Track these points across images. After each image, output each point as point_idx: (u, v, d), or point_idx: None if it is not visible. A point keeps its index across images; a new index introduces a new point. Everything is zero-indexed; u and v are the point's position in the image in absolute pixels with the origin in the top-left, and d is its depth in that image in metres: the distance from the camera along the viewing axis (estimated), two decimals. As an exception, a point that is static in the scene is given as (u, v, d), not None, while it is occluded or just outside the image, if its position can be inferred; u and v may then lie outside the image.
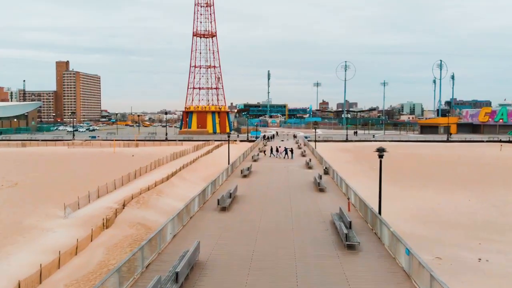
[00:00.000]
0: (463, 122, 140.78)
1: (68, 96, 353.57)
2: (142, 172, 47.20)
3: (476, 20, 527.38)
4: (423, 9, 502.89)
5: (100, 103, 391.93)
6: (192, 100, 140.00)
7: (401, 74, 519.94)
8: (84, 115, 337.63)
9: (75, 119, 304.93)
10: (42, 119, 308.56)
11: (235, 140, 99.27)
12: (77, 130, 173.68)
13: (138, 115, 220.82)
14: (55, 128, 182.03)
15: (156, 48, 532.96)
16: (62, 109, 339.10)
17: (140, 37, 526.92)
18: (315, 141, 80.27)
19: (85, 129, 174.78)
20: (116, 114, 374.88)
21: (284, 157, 56.10)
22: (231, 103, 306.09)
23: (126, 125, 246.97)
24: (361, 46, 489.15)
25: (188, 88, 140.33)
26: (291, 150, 58.00)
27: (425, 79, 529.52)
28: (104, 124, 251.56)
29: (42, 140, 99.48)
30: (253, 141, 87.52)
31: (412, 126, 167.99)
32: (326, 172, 41.27)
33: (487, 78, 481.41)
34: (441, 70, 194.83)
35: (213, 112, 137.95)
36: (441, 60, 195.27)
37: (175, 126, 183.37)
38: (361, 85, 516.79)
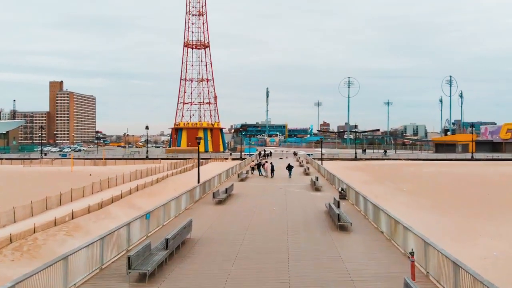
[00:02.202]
0: (482, 140, 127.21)
1: (61, 116, 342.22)
2: (77, 195, 33.31)
3: (474, 44, 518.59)
4: (422, 34, 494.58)
5: (95, 124, 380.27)
6: (182, 116, 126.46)
7: (401, 97, 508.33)
8: (77, 136, 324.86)
9: (66, 141, 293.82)
10: (34, 141, 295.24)
11: (227, 158, 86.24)
12: (62, 150, 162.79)
13: (126, 135, 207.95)
14: (39, 148, 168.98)
15: (157, 72, 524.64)
16: (55, 129, 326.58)
17: (142, 61, 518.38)
18: (321, 159, 66.81)
19: (71, 150, 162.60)
20: (111, 136, 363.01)
21: (271, 176, 41.94)
22: (231, 126, 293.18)
23: (119, 146, 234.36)
24: (360, 70, 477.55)
25: (178, 103, 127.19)
26: (288, 167, 44.01)
27: (425, 102, 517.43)
28: (96, 146, 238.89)
29: (6, 159, 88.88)
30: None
31: (423, 144, 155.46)
32: (342, 196, 27.63)
33: (489, 102, 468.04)
34: (451, 86, 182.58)
35: (205, 129, 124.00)
36: (450, 76, 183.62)
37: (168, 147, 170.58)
38: (361, 108, 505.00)
